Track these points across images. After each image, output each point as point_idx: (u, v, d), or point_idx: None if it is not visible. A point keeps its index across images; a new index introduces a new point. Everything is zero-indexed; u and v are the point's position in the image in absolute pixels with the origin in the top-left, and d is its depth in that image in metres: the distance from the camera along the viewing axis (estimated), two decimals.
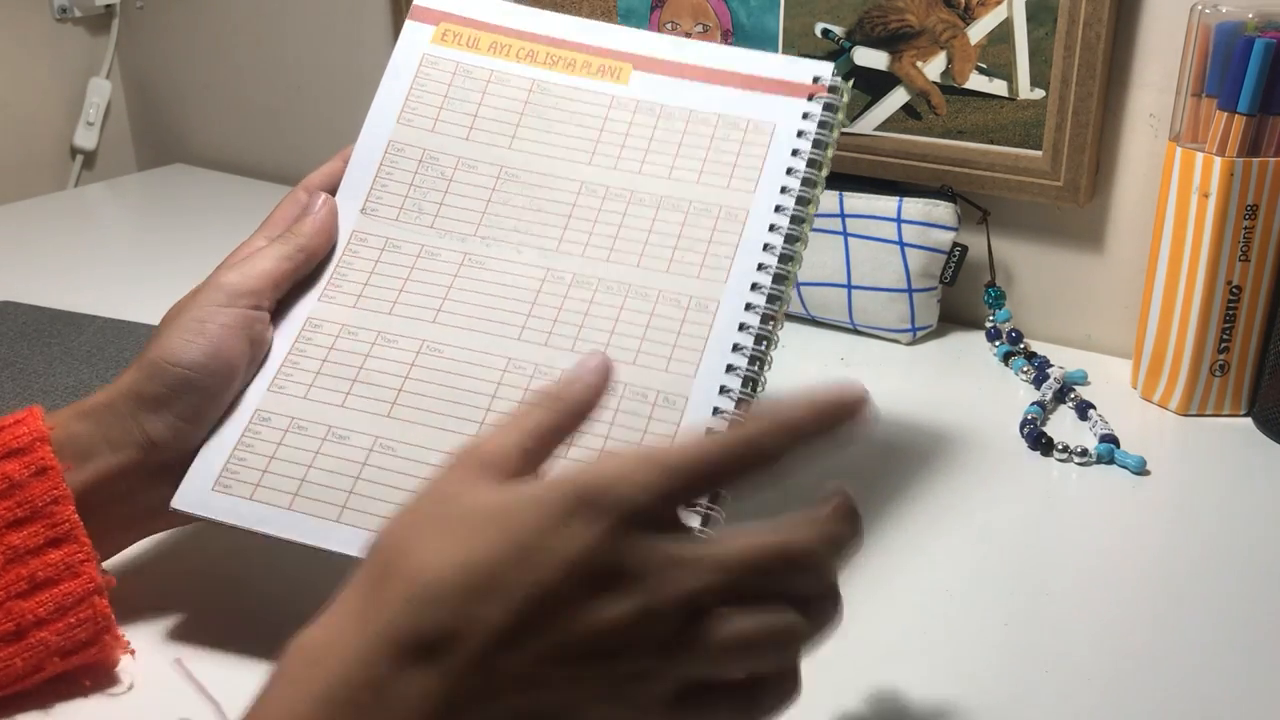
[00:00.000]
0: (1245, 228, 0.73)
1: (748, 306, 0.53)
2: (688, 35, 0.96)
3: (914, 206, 0.86)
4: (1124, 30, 0.82)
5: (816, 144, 0.58)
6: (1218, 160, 0.72)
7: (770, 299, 0.53)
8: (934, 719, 0.51)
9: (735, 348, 0.52)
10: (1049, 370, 0.82)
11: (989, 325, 0.89)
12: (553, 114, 0.62)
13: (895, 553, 0.63)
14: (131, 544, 0.58)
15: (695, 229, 0.57)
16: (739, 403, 0.49)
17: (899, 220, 0.86)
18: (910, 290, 0.87)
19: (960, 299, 0.92)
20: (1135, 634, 0.57)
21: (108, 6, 1.41)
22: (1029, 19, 0.82)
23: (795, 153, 0.58)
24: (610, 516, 0.37)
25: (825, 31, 0.90)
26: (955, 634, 0.57)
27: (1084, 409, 0.78)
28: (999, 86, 0.85)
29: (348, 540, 0.50)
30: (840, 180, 0.90)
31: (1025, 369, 0.84)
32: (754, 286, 0.53)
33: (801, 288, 0.91)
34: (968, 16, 0.85)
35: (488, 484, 0.39)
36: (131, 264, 1.10)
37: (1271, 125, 0.72)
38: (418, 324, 0.57)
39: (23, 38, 1.37)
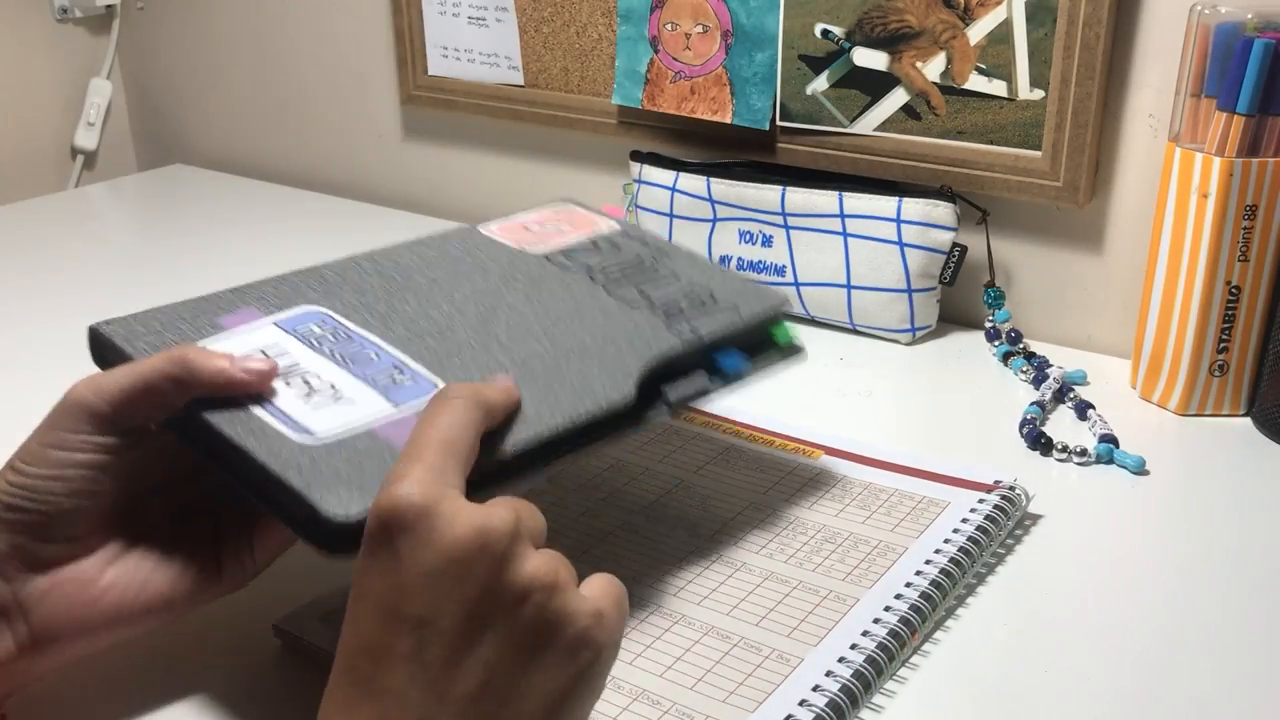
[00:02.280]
0: (1244, 228, 0.73)
1: (886, 608, 0.56)
2: (687, 36, 0.96)
3: (913, 207, 0.86)
4: (1123, 30, 0.82)
5: (981, 529, 0.62)
6: (1217, 160, 0.73)
7: (913, 608, 0.56)
8: (933, 718, 0.51)
9: (865, 634, 0.54)
10: (1048, 370, 0.82)
11: (988, 325, 0.89)
12: (738, 462, 0.70)
13: None
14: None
15: (851, 550, 0.61)
16: (857, 674, 0.52)
17: (898, 220, 0.87)
18: (910, 290, 0.88)
19: (960, 299, 0.93)
20: (1134, 634, 0.57)
21: (108, 7, 1.41)
22: (1028, 19, 0.82)
23: (957, 530, 0.62)
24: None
25: (825, 32, 0.90)
26: (955, 633, 0.57)
27: (1083, 409, 0.78)
28: (998, 87, 0.85)
29: None
30: (840, 180, 0.90)
31: (1025, 369, 0.84)
32: (898, 596, 0.57)
33: (801, 288, 0.91)
34: (967, 17, 0.85)
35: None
36: (131, 264, 1.10)
37: (1271, 125, 0.72)
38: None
39: (23, 38, 1.37)
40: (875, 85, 0.90)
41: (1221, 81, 0.73)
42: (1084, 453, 0.72)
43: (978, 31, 0.85)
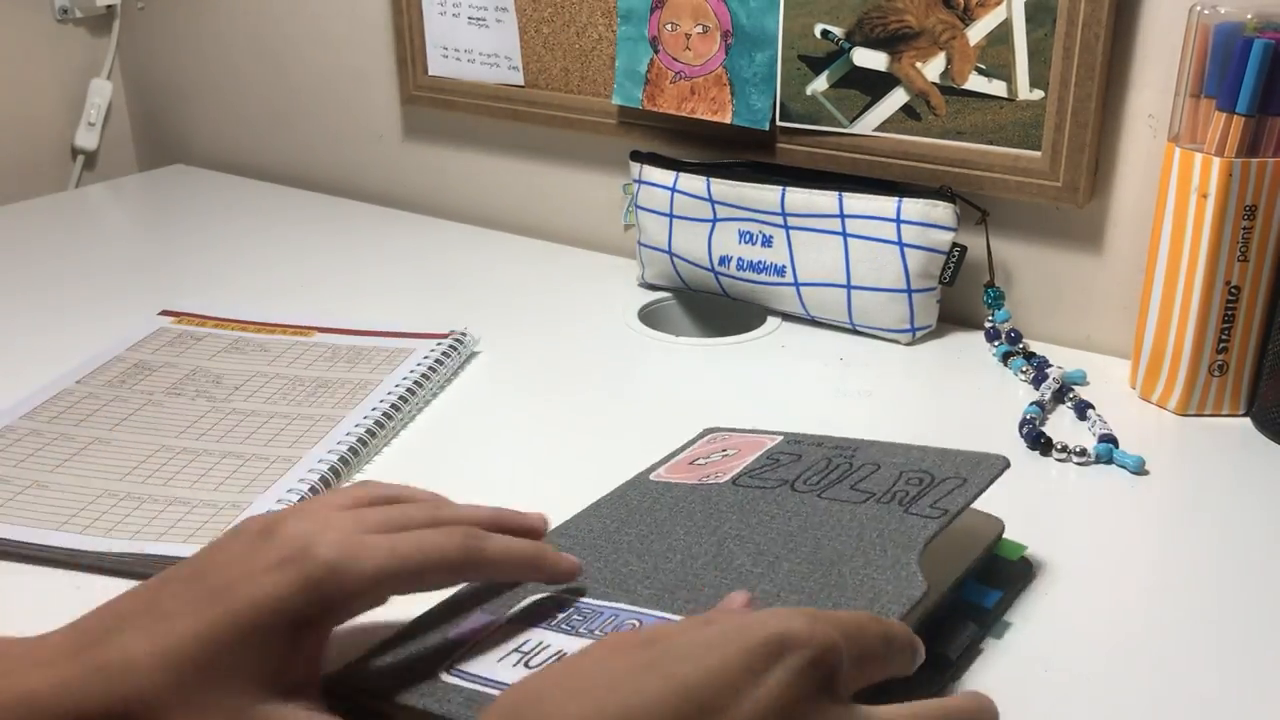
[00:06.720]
0: (1244, 228, 0.74)
1: (365, 417, 0.74)
2: (688, 36, 0.96)
3: (913, 207, 0.86)
4: (1123, 31, 0.82)
5: (431, 368, 0.81)
6: (1216, 161, 0.73)
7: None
8: None
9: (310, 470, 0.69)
10: (1048, 370, 0.82)
11: (988, 325, 0.89)
12: (249, 349, 0.86)
13: None
14: None
15: (326, 398, 0.78)
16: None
17: (898, 220, 0.87)
18: (910, 290, 0.88)
19: (959, 299, 0.93)
20: (1134, 634, 0.57)
21: (109, 7, 1.41)
22: (1028, 20, 0.82)
23: (413, 370, 0.81)
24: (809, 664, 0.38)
25: (825, 32, 0.91)
26: None
27: (1083, 409, 0.78)
28: (998, 87, 0.85)
29: None
30: (840, 180, 0.91)
31: (1024, 369, 0.84)
32: (374, 409, 0.75)
33: (801, 288, 0.91)
34: (967, 17, 0.85)
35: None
36: (131, 264, 1.10)
37: (1270, 126, 0.72)
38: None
39: (24, 38, 1.37)
40: (875, 85, 0.90)
41: (1221, 82, 0.73)
42: (1083, 453, 0.72)
43: (977, 32, 0.85)
